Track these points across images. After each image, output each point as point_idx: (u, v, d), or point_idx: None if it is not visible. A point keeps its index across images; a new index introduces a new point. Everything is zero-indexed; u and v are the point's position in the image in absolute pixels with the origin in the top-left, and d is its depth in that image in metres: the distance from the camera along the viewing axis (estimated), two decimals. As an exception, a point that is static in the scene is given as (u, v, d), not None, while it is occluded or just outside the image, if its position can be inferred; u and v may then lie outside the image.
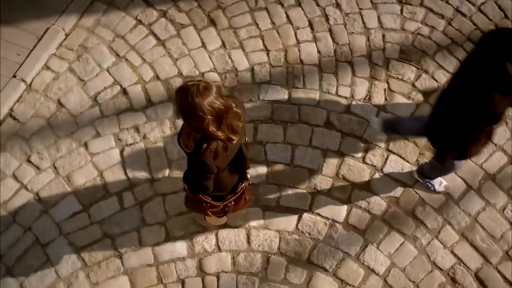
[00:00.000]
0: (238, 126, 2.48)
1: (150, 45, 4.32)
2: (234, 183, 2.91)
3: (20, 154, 3.93)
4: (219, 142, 2.43)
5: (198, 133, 2.39)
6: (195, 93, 2.26)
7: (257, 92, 4.13)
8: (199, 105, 2.26)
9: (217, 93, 2.32)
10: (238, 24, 4.39)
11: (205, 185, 2.67)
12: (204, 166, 2.51)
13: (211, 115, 2.30)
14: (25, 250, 3.65)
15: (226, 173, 2.76)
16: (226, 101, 2.38)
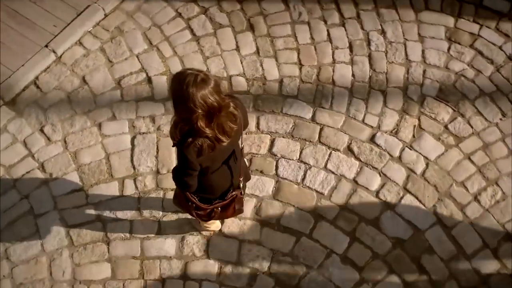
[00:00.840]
0: (231, 128, 2.42)
1: (184, 39, 4.36)
2: (224, 189, 2.85)
3: (35, 122, 4.03)
4: (205, 139, 2.38)
5: (186, 125, 2.34)
6: (190, 83, 2.23)
7: (281, 105, 4.08)
8: (192, 96, 2.22)
9: (214, 88, 2.27)
10: (276, 33, 4.38)
11: (186, 182, 2.61)
12: (186, 161, 2.46)
13: (202, 109, 2.25)
14: (17, 217, 3.71)
15: (216, 176, 2.71)
16: (222, 99, 2.32)
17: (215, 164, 2.62)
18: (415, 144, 3.92)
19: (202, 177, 2.66)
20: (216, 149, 2.43)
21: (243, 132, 2.71)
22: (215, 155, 2.51)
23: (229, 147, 2.57)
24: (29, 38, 4.25)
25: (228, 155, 2.66)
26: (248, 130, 3.96)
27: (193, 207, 2.87)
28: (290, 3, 4.50)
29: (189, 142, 2.37)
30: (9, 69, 4.14)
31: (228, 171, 2.75)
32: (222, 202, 2.87)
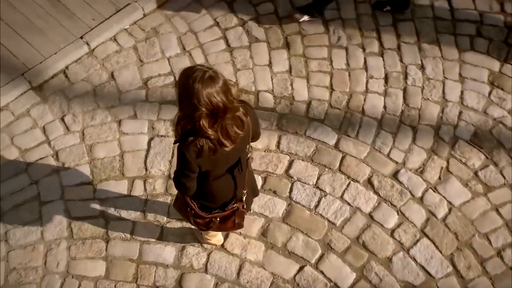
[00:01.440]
0: (236, 133, 2.34)
1: (218, 48, 4.38)
2: (226, 199, 2.77)
3: (57, 110, 4.08)
4: (207, 140, 2.31)
5: (189, 123, 2.28)
6: (197, 78, 2.17)
7: (306, 127, 4.01)
8: (197, 92, 2.16)
9: (221, 87, 2.20)
10: (312, 55, 4.34)
11: (183, 183, 2.54)
12: (184, 160, 2.39)
13: (206, 108, 2.18)
14: (23, 201, 3.73)
15: (218, 184, 2.64)
16: (230, 100, 2.25)
17: (217, 170, 2.55)
18: (440, 186, 3.76)
19: (203, 183, 2.60)
20: (217, 153, 2.37)
21: (251, 141, 2.64)
22: (216, 160, 2.44)
23: (233, 154, 2.50)
24: (66, 27, 4.35)
25: (233, 163, 2.59)
26: (268, 148, 3.91)
27: (192, 214, 2.80)
28: (330, 27, 4.47)
29: (190, 141, 2.32)
30: (42, 55, 4.23)
31: (231, 181, 2.68)
32: (222, 213, 2.79)
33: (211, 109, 2.19)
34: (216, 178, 2.60)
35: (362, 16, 4.51)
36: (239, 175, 2.68)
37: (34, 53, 4.24)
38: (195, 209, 2.75)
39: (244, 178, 2.71)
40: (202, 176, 2.54)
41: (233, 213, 2.81)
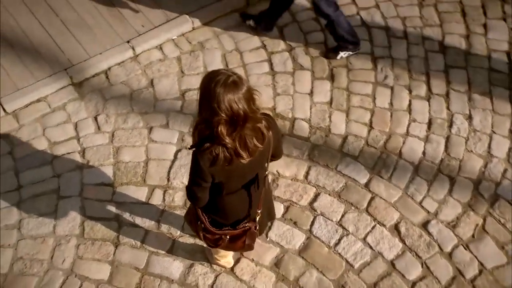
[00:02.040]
0: (255, 146, 2.26)
1: (260, 71, 4.37)
2: (239, 217, 2.68)
3: (92, 108, 4.14)
4: (223, 149, 2.24)
5: (207, 128, 2.21)
6: (220, 82, 2.11)
7: (338, 162, 3.90)
8: (218, 96, 2.10)
9: (244, 94, 2.14)
10: (355, 89, 4.26)
11: (194, 192, 2.46)
12: (197, 167, 2.32)
13: (225, 114, 2.12)
14: (42, 192, 3.76)
15: (232, 199, 2.56)
16: (252, 110, 2.17)
17: (232, 183, 2.47)
18: (472, 245, 3.54)
19: (217, 197, 2.52)
20: (233, 164, 2.29)
21: (271, 159, 2.56)
22: (231, 171, 2.37)
23: (250, 168, 2.43)
24: (115, 30, 4.46)
25: (249, 178, 2.51)
26: (295, 177, 3.82)
27: (202, 228, 2.72)
28: (378, 64, 4.39)
29: (205, 147, 2.25)
30: (87, 53, 4.34)
31: (246, 198, 2.60)
32: (232, 231, 2.70)
33: (231, 116, 2.13)
34: (230, 193, 2.52)
35: (413, 57, 4.42)
36: (255, 193, 2.59)
37: (80, 50, 4.35)
38: (206, 223, 2.67)
39: (260, 197, 2.62)
40: (215, 188, 2.47)
41: (244, 233, 2.71)
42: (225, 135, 2.17)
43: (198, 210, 2.69)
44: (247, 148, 2.25)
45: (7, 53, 4.32)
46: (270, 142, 2.38)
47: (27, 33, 4.42)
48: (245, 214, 2.68)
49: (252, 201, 2.63)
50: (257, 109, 2.24)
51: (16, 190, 3.78)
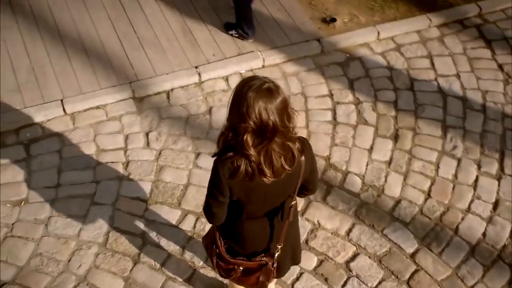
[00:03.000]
0: (281, 166, 2.08)
1: (322, 118, 4.25)
2: (256, 249, 2.48)
3: (146, 124, 4.17)
4: (246, 161, 2.08)
5: (233, 137, 2.06)
6: (253, 87, 1.98)
7: (385, 225, 3.63)
8: (248, 101, 1.96)
9: (278, 105, 1.98)
10: (419, 154, 4.02)
11: (209, 206, 2.30)
12: (216, 177, 2.18)
13: (254, 122, 1.97)
14: (78, 194, 3.76)
15: (252, 225, 2.38)
16: (283, 124, 2.01)
17: (252, 206, 2.29)
18: None
19: (236, 220, 2.37)
20: (254, 181, 2.12)
21: (303, 192, 2.40)
22: (251, 190, 2.20)
23: (274, 192, 2.25)
24: (186, 54, 4.54)
25: (273, 206, 2.33)
26: (336, 232, 3.58)
27: (216, 253, 2.55)
28: (448, 133, 4.14)
29: (228, 156, 2.11)
30: (155, 71, 4.43)
31: (268, 228, 2.41)
32: (247, 262, 2.49)
33: (259, 125, 1.99)
34: (250, 218, 2.35)
35: (488, 133, 4.14)
36: (278, 224, 2.40)
37: (148, 67, 4.45)
38: (221, 248, 2.49)
39: (283, 230, 2.42)
40: (234, 208, 2.31)
41: (259, 268, 2.49)
42: (250, 146, 2.02)
43: (217, 233, 2.54)
44: (272, 166, 2.09)
45: (81, 58, 4.50)
46: (301, 168, 2.21)
47: (104, 43, 4.60)
48: (264, 247, 2.48)
49: (274, 233, 2.44)
50: (291, 127, 2.09)
51: (54, 187, 3.80)
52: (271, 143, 2.04)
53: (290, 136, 2.09)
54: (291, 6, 4.99)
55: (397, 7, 5.08)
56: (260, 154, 2.05)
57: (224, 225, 2.48)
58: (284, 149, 2.09)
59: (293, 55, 4.65)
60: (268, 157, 2.06)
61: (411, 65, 4.65)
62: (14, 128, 4.09)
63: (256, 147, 2.04)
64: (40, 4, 4.90)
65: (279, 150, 2.07)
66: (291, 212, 2.36)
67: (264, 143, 2.03)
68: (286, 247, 2.53)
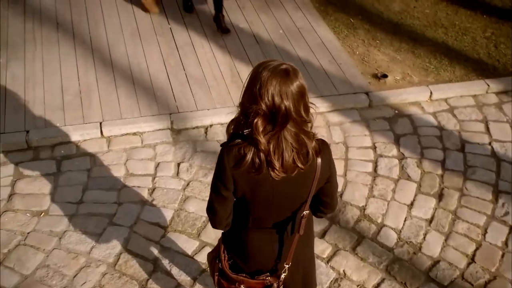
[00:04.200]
0: (293, 161, 1.88)
1: (362, 169, 4.01)
2: (261, 266, 2.23)
3: (179, 155, 4.08)
4: (254, 150, 1.89)
5: (243, 121, 1.89)
6: (269, 67, 1.83)
7: (419, 285, 3.26)
8: (262, 81, 1.80)
9: (294, 90, 1.81)
10: (464, 216, 3.66)
11: (212, 201, 2.09)
12: (220, 165, 1.98)
13: (265, 105, 1.80)
14: (98, 213, 3.64)
15: (258, 236, 2.15)
16: (299, 113, 1.83)
17: (258, 208, 2.07)
18: None
19: (241, 228, 2.16)
20: (260, 175, 1.92)
21: (320, 206, 2.15)
22: (257, 185, 1.98)
23: (283, 194, 2.02)
24: (230, 93, 4.52)
25: (282, 214, 2.10)
26: (362, 285, 3.24)
27: (218, 269, 2.31)
28: (500, 198, 3.78)
29: (236, 143, 1.93)
30: (196, 106, 4.40)
31: (276, 243, 2.17)
32: (249, 280, 2.23)
33: (271, 109, 1.81)
34: (257, 227, 2.13)
35: (545, 203, 3.75)
36: (288, 238, 2.15)
37: (190, 101, 4.44)
38: (223, 262, 2.26)
39: (292, 246, 2.16)
40: (240, 212, 2.11)
41: (262, 287, 2.24)
42: (260, 132, 1.84)
43: (222, 246, 2.32)
44: (282, 159, 1.88)
45: (127, 87, 4.56)
46: (316, 171, 1.99)
47: (152, 76, 4.66)
48: (270, 265, 2.22)
49: (283, 248, 2.18)
50: (307, 120, 1.90)
51: (76, 203, 3.71)
52: (283, 131, 1.85)
53: (305, 129, 1.90)
54: (343, 59, 4.93)
55: (453, 70, 4.90)
56: (270, 143, 1.87)
57: (230, 235, 2.27)
58: (298, 142, 1.89)
59: (339, 106, 4.52)
60: (278, 147, 1.87)
61: (463, 127, 4.38)
62: (51, 144, 4.13)
63: (267, 134, 1.86)
64: (99, 36, 5.11)
65: (292, 141, 1.87)
66: (302, 223, 2.10)
67: (275, 129, 1.85)
68: (296, 269, 2.25)
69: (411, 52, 5.10)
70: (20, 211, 3.66)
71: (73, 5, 5.49)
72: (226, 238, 2.33)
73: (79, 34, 5.13)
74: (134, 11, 5.46)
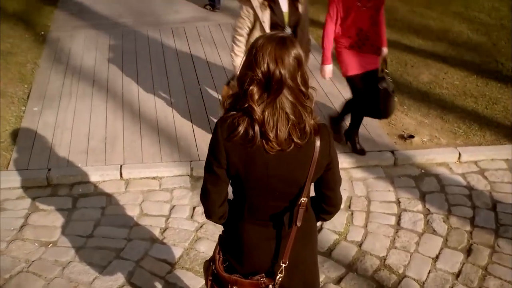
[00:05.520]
0: (288, 135, 1.80)
1: (383, 221, 3.80)
2: (256, 265, 2.05)
3: (196, 200, 3.98)
4: (247, 120, 1.81)
5: (239, 91, 1.83)
6: (267, 36, 1.81)
7: (444, 338, 2.92)
8: (258, 47, 1.77)
9: (291, 58, 1.75)
10: (496, 272, 3.36)
11: (205, 181, 2.03)
12: (213, 138, 1.90)
13: (261, 71, 1.75)
14: (105, 247, 3.52)
15: (253, 230, 2.01)
16: (295, 81, 1.77)
17: (253, 187, 1.93)
18: None
19: (237, 221, 2.04)
20: (253, 147, 1.82)
21: (310, 181, 1.95)
22: (250, 160, 1.86)
23: (277, 173, 1.88)
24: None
25: (278, 199, 1.95)
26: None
27: (212, 270, 2.14)
28: (538, 259, 3.47)
29: (230, 114, 1.86)
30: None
31: (273, 239, 2.01)
32: (243, 280, 2.04)
33: (266, 76, 1.75)
34: (253, 218, 1.99)
35: None
36: (286, 233, 1.98)
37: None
38: (217, 263, 2.09)
39: (289, 241, 1.98)
40: (235, 197, 2.00)
41: (255, 289, 2.04)
42: (255, 100, 1.78)
43: (218, 247, 2.18)
44: (277, 129, 1.79)
45: (151, 137, 4.62)
46: (314, 153, 1.87)
47: (178, 127, 4.73)
48: (266, 267, 2.04)
49: (281, 245, 2.01)
50: (305, 91, 1.82)
51: (86, 237, 3.62)
52: (278, 98, 1.78)
53: (303, 102, 1.82)
54: (368, 121, 4.86)
55: (483, 135, 4.76)
56: (265, 112, 1.79)
57: (226, 232, 2.15)
58: (294, 114, 1.80)
59: (363, 163, 4.40)
60: (273, 117, 1.79)
61: (495, 188, 4.15)
62: (70, 183, 4.13)
63: (262, 103, 1.79)
64: (131, 91, 5.29)
65: (288, 111, 1.79)
66: (299, 213, 1.94)
67: (270, 97, 1.78)
68: (294, 272, 2.05)
69: (440, 118, 5.01)
70: (29, 240, 3.59)
71: (111, 66, 5.78)
72: (222, 239, 2.20)
73: (112, 89, 5.33)
74: (167, 72, 5.69)
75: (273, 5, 3.81)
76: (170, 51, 6.17)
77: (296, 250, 2.03)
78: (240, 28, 3.92)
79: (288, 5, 3.88)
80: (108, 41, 6.38)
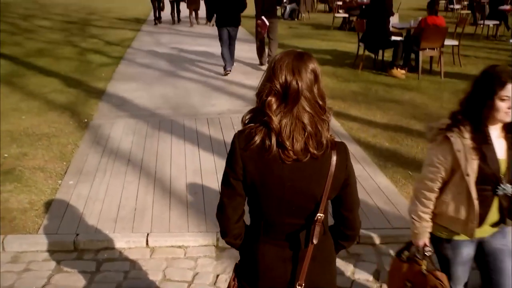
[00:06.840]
0: (305, 145, 1.85)
1: None
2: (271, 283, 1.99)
3: (220, 269, 3.93)
4: (264, 130, 1.87)
5: (258, 103, 1.91)
6: (288, 51, 1.91)
7: None
8: (277, 61, 1.87)
9: (308, 72, 1.85)
10: None
11: (222, 194, 2.03)
12: (231, 149, 1.96)
13: (279, 83, 1.84)
14: None
15: (268, 251, 2.00)
16: (312, 94, 1.85)
17: (268, 199, 1.93)
18: None
19: (253, 242, 2.03)
20: (270, 156, 1.86)
21: (327, 196, 1.94)
22: (267, 169, 1.89)
23: (293, 186, 1.90)
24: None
25: (294, 217, 1.95)
26: None
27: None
28: None
29: (247, 127, 1.93)
30: (244, 227, 4.35)
31: (289, 261, 1.98)
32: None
33: (283, 87, 1.84)
34: (269, 239, 1.99)
35: None
36: (303, 250, 1.94)
37: (239, 222, 4.41)
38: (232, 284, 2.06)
39: (305, 260, 1.93)
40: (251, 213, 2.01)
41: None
42: (273, 111, 1.85)
43: (233, 273, 2.16)
44: (293, 139, 1.85)
45: (180, 209, 4.66)
46: (330, 167, 1.90)
47: (206, 202, 4.76)
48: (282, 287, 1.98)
49: (298, 264, 1.97)
50: (323, 105, 1.89)
51: (106, 298, 3.58)
52: (295, 108, 1.86)
53: (320, 115, 1.89)
54: (399, 201, 4.82)
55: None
56: (282, 122, 1.86)
57: (241, 255, 2.16)
58: (311, 125, 1.87)
59: (392, 238, 4.28)
60: (290, 127, 1.86)
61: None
62: (96, 248, 4.15)
63: (279, 113, 1.87)
64: (163, 171, 5.44)
65: (305, 121, 1.86)
66: (316, 229, 1.92)
67: (287, 107, 1.86)
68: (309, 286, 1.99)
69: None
70: (49, 298, 3.57)
71: (147, 148, 6.01)
72: (237, 266, 2.17)
73: (145, 168, 5.50)
74: (199, 154, 5.85)
75: (485, 150, 2.55)
76: (204, 137, 6.40)
77: (314, 272, 1.99)
78: (431, 180, 2.69)
79: (506, 149, 2.62)
80: (146, 128, 6.68)
